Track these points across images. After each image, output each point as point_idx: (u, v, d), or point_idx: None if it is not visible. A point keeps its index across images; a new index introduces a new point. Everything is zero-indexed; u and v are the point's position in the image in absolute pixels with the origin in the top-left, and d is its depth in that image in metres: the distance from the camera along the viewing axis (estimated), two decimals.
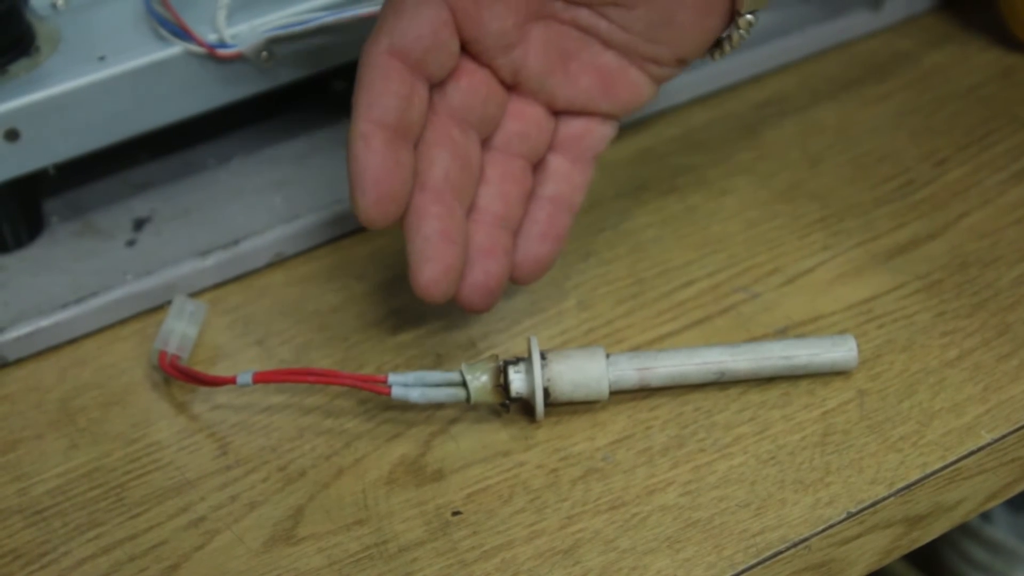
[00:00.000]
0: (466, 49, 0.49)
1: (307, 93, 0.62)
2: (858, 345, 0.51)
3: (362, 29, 0.56)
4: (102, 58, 0.53)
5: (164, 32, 0.54)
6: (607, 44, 0.50)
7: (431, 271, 0.48)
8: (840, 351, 0.50)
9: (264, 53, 0.54)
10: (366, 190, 0.47)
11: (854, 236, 0.57)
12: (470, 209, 0.50)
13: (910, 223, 0.58)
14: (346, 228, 0.58)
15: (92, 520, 0.48)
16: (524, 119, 0.51)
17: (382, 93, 0.47)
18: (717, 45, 0.52)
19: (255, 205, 0.58)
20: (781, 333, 0.53)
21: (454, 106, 0.49)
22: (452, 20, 0.47)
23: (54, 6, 0.56)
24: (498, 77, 0.50)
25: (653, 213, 0.58)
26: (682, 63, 0.51)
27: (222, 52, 0.54)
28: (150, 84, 0.54)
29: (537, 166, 0.52)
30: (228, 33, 0.54)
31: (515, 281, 0.52)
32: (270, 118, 0.62)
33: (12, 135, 0.52)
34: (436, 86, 0.49)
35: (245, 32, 0.54)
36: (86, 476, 0.50)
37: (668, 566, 0.46)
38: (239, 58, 0.54)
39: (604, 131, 0.52)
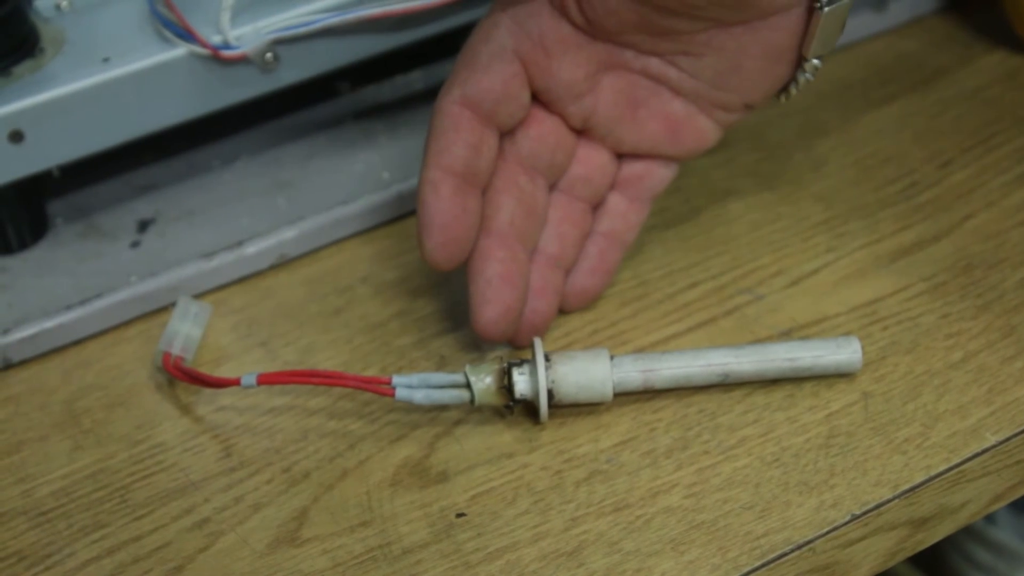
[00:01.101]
0: (537, 98, 0.50)
1: (311, 95, 0.62)
2: (862, 347, 0.51)
3: (366, 30, 0.56)
4: (106, 60, 0.53)
5: (168, 34, 0.54)
6: (676, 92, 0.51)
7: (491, 312, 0.50)
8: (844, 353, 0.50)
9: (268, 55, 0.54)
10: (433, 234, 0.49)
11: (858, 238, 0.57)
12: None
13: (914, 225, 0.58)
14: (350, 229, 0.58)
15: (96, 522, 0.48)
16: (589, 164, 0.52)
17: (452, 142, 0.48)
18: (783, 89, 0.52)
19: (259, 207, 0.58)
20: (785, 335, 0.53)
21: (523, 154, 0.51)
22: (523, 73, 0.49)
23: (58, 8, 0.56)
24: (568, 124, 0.51)
25: (657, 215, 0.58)
26: (749, 108, 0.52)
27: (226, 54, 0.54)
28: (154, 86, 0.54)
29: (598, 203, 0.53)
30: (232, 35, 0.54)
31: (560, 310, 0.53)
32: (274, 120, 0.62)
33: (16, 136, 0.52)
34: (507, 134, 0.50)
35: (249, 34, 0.54)
36: (90, 478, 0.50)
37: (672, 568, 0.46)
38: (243, 60, 0.54)
39: (665, 174, 0.53)
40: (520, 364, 0.49)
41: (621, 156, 0.53)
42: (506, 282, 0.50)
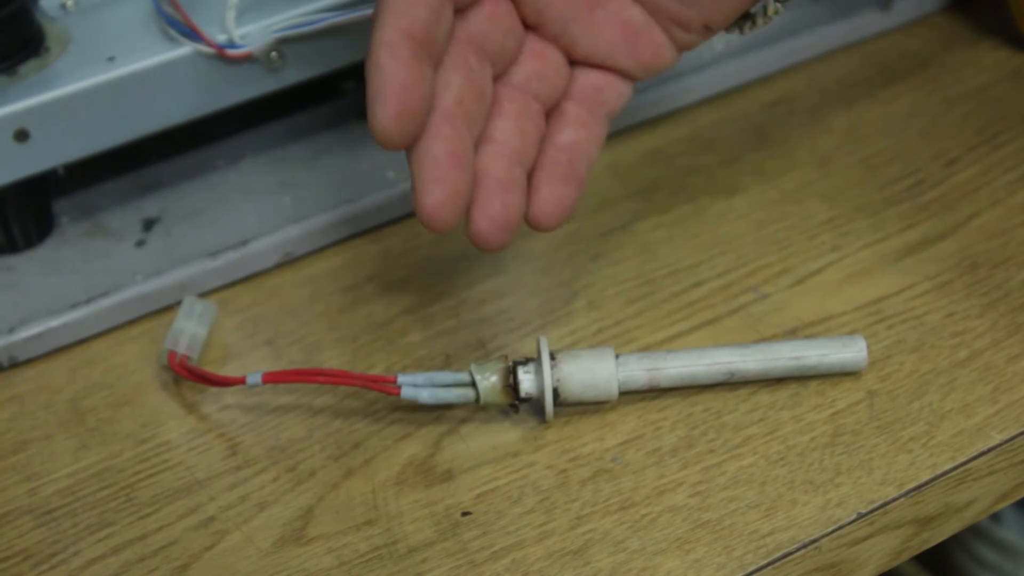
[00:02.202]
0: None
1: (316, 93, 0.62)
2: (868, 346, 0.51)
3: (371, 29, 0.56)
4: (111, 59, 0.53)
5: (173, 32, 0.54)
6: None
7: (439, 194, 0.45)
8: (850, 352, 0.50)
9: (273, 53, 0.55)
10: (388, 102, 0.44)
11: (863, 236, 0.57)
12: (485, 140, 0.48)
13: (920, 224, 0.57)
14: (355, 228, 0.58)
15: (102, 520, 0.48)
16: (544, 60, 0.50)
17: (413, 2, 0.45)
18: (748, 17, 0.51)
19: (264, 205, 0.58)
20: (791, 334, 0.53)
21: (473, 33, 0.48)
22: None
23: (63, 7, 0.56)
24: (520, 14, 0.49)
25: (662, 213, 0.58)
26: (708, 31, 0.50)
27: (231, 52, 0.54)
28: (159, 85, 0.54)
29: (553, 113, 0.50)
30: (237, 33, 0.54)
31: (536, 226, 0.49)
32: (279, 119, 0.62)
33: (22, 135, 0.52)
34: (458, 11, 0.47)
35: (254, 32, 0.54)
36: (96, 476, 0.50)
37: (678, 567, 0.46)
38: (248, 58, 0.54)
39: (621, 89, 0.51)
40: (525, 363, 0.49)
41: (575, 65, 0.51)
42: (454, 161, 0.45)
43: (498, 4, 0.48)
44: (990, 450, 0.49)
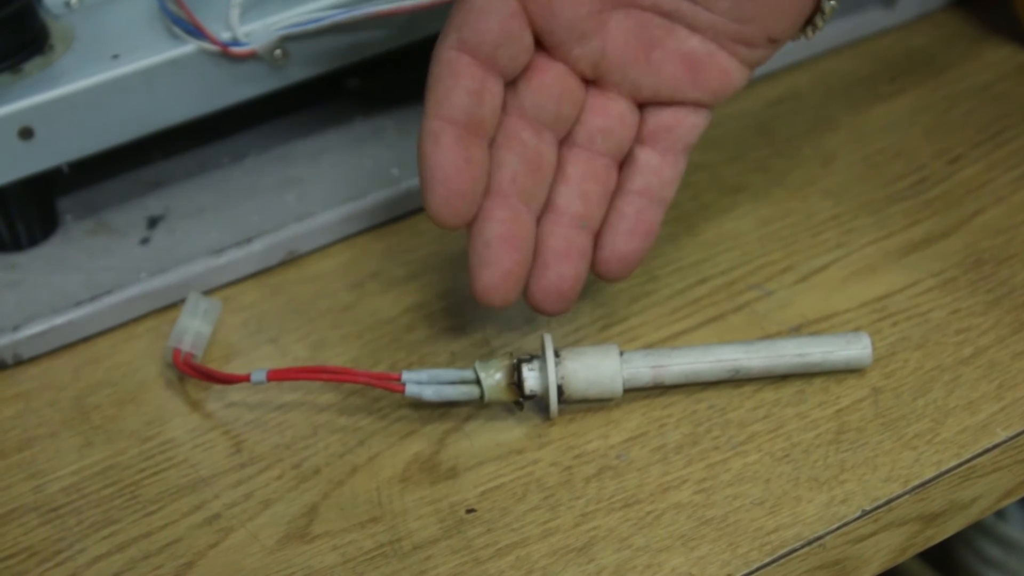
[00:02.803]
0: (541, 43, 0.48)
1: (320, 91, 0.62)
2: (872, 343, 0.51)
3: (376, 27, 0.56)
4: (116, 56, 0.53)
5: (177, 30, 0.54)
6: (692, 28, 0.48)
7: (489, 276, 0.48)
8: (854, 349, 0.50)
9: (277, 51, 0.55)
10: (435, 189, 0.46)
11: (868, 233, 0.57)
12: (547, 210, 0.49)
13: (924, 220, 0.57)
14: (360, 225, 0.58)
15: (107, 518, 0.48)
16: (607, 114, 0.50)
17: (451, 89, 0.46)
18: (809, 21, 0.50)
19: (269, 203, 0.58)
20: (795, 331, 0.53)
21: (526, 106, 0.48)
22: (522, 11, 0.47)
23: (68, 4, 0.56)
24: (577, 71, 0.49)
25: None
26: (774, 43, 0.49)
27: (235, 50, 0.54)
28: (164, 82, 0.54)
29: (625, 161, 0.51)
30: (241, 31, 0.54)
31: (602, 278, 0.51)
32: (283, 116, 0.62)
33: (26, 133, 0.52)
34: (509, 85, 0.48)
35: (258, 30, 0.54)
36: (101, 474, 0.50)
37: (682, 564, 0.46)
38: (252, 56, 0.54)
39: (695, 121, 0.50)
40: (530, 360, 0.49)
41: (644, 106, 0.50)
42: (506, 244, 0.48)
43: (548, 71, 0.48)
44: (995, 447, 0.49)
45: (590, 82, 0.50)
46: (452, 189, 0.46)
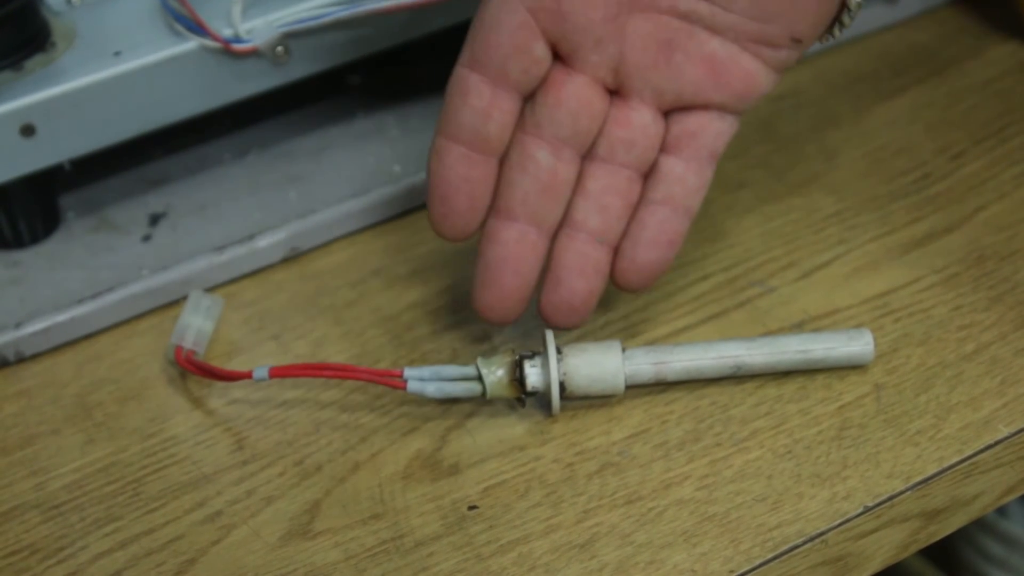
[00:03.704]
0: (558, 52, 0.48)
1: (322, 88, 0.62)
2: (874, 339, 0.51)
3: (377, 24, 0.56)
4: (117, 53, 0.53)
5: (179, 27, 0.54)
6: (713, 30, 0.48)
7: (487, 297, 0.49)
8: (856, 345, 0.50)
9: (279, 48, 0.55)
10: (436, 205, 0.48)
11: (870, 230, 0.57)
12: (564, 224, 0.49)
13: (926, 217, 0.57)
14: (362, 223, 0.58)
15: (109, 515, 0.48)
16: (630, 125, 0.49)
17: (457, 108, 0.47)
18: (836, 19, 0.49)
19: (270, 200, 0.58)
20: (797, 327, 0.53)
21: (542, 123, 0.48)
22: (532, 22, 0.46)
23: (69, 2, 0.56)
24: (597, 80, 0.48)
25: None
26: (799, 44, 0.48)
27: (237, 47, 0.54)
28: (165, 79, 0.54)
29: (649, 171, 0.50)
30: (243, 28, 0.54)
31: (622, 289, 0.51)
32: (285, 113, 0.62)
33: (28, 131, 0.52)
34: (527, 100, 0.48)
35: (260, 27, 0.54)
36: (103, 471, 0.50)
37: (685, 560, 0.46)
38: (254, 53, 0.54)
39: (720, 127, 0.49)
40: (532, 357, 0.49)
41: (668, 114, 0.50)
42: (507, 266, 0.48)
43: (566, 84, 0.48)
44: (997, 443, 0.49)
45: (613, 92, 0.49)
46: (450, 207, 0.48)
